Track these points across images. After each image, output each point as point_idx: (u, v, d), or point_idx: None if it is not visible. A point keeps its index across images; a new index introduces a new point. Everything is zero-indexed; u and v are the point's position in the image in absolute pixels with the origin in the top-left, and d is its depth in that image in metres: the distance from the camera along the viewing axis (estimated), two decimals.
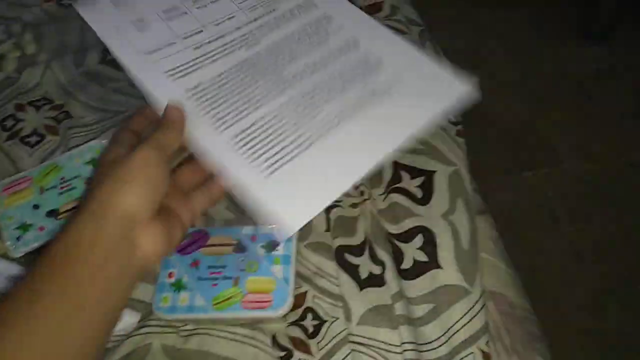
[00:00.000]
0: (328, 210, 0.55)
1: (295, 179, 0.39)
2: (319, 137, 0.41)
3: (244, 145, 0.40)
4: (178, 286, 0.48)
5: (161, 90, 0.42)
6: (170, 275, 0.49)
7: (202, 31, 0.46)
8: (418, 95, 0.44)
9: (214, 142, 0.40)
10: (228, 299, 0.47)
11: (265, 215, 0.38)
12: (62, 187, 0.54)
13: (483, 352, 0.45)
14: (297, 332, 0.48)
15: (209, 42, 0.45)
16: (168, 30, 0.45)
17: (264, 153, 0.40)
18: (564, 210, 1.16)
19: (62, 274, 0.32)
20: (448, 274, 0.49)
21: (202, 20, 0.47)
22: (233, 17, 0.48)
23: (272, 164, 0.39)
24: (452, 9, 1.60)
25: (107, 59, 0.70)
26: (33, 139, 0.63)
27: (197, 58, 0.44)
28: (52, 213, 0.52)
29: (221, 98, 0.42)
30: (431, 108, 0.42)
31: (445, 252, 0.50)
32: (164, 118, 0.39)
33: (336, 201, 0.55)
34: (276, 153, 0.40)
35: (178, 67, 0.43)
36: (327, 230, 0.54)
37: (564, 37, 1.57)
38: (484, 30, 1.56)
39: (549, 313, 0.57)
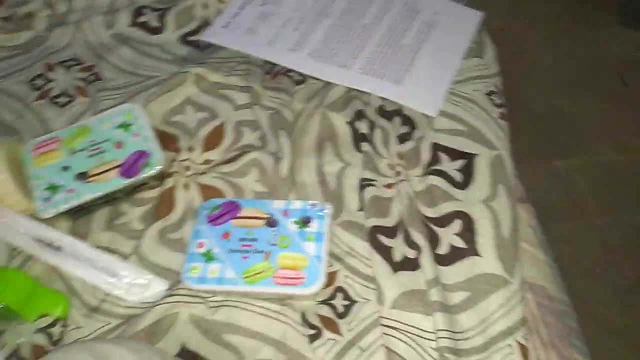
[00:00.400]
0: (362, 189, 0.53)
1: (419, 79, 0.59)
2: (416, 53, 0.62)
3: (370, 71, 0.61)
4: (208, 257, 0.47)
5: (294, 61, 0.62)
6: (200, 245, 0.48)
7: (290, 19, 0.66)
8: (455, 22, 0.65)
9: (348, 77, 0.60)
10: (259, 273, 0.45)
11: (413, 107, 0.58)
12: (91, 150, 0.53)
13: (520, 344, 0.43)
14: (326, 311, 0.47)
15: (301, 23, 0.66)
16: (270, 28, 0.65)
17: (387, 72, 0.61)
18: (594, 201, 1.13)
19: None
20: (487, 262, 0.47)
21: (286, 14, 0.66)
22: (303, 3, 0.67)
23: (397, 77, 0.60)
24: None
25: (138, 21, 0.67)
26: (62, 100, 0.61)
27: (300, 35, 0.64)
28: (82, 176, 0.51)
29: (333, 50, 0.63)
30: (468, 27, 0.65)
31: (485, 239, 0.48)
32: None
33: (370, 180, 0.53)
34: (395, 70, 0.61)
35: (293, 44, 0.64)
36: (360, 209, 0.52)
37: (601, 21, 1.49)
38: (520, 11, 1.49)
39: (574, 306, 0.55)
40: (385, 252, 0.49)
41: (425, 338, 0.44)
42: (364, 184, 0.53)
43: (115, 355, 0.37)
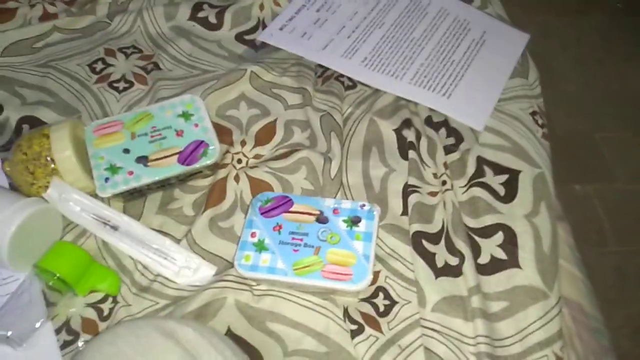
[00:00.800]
0: (406, 194, 0.55)
1: (467, 94, 0.61)
2: (465, 68, 0.64)
3: (421, 83, 0.63)
4: (260, 247, 0.49)
5: (346, 67, 0.65)
6: (252, 235, 0.50)
7: (344, 27, 0.68)
8: (503, 42, 0.67)
9: (398, 86, 0.62)
10: (308, 266, 0.47)
11: (459, 120, 0.60)
12: (152, 136, 0.55)
13: (557, 356, 0.45)
14: (368, 309, 0.49)
15: (354, 31, 0.68)
16: (324, 33, 0.68)
17: (437, 85, 0.62)
18: (611, 228, 1.14)
19: None
20: (527, 275, 0.49)
21: (340, 21, 0.69)
22: (357, 12, 0.70)
23: (446, 90, 0.62)
24: (519, 9, 1.55)
25: (198, 16, 0.70)
26: (121, 85, 0.64)
27: (353, 43, 0.67)
28: (142, 159, 0.53)
29: (384, 59, 0.65)
30: (515, 47, 0.67)
31: (526, 253, 0.50)
32: None
33: (415, 187, 0.55)
34: (444, 84, 0.63)
35: (346, 51, 0.66)
36: (403, 214, 0.54)
37: (629, 52, 1.52)
38: (550, 36, 1.52)
39: None
40: (428, 258, 0.50)
41: (464, 342, 0.46)
42: (409, 190, 0.55)
43: (179, 332, 0.39)
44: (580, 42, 1.53)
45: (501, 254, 0.51)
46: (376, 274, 0.51)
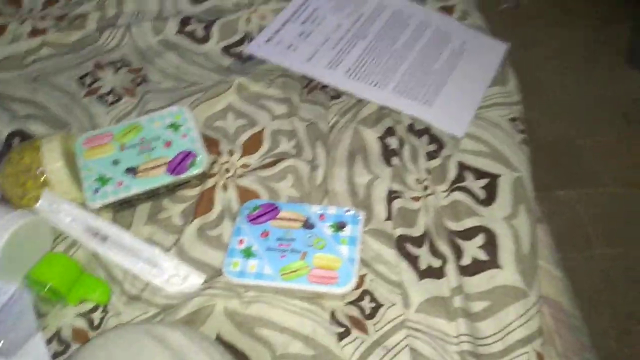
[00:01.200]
0: (390, 200, 0.56)
1: (448, 102, 0.64)
2: (446, 78, 0.66)
3: (404, 91, 0.65)
4: (248, 253, 0.50)
5: (331, 77, 0.67)
6: (240, 242, 0.51)
7: (329, 38, 0.71)
8: (482, 51, 0.70)
9: (383, 96, 0.65)
10: (295, 271, 0.48)
11: (440, 127, 0.62)
12: (142, 147, 0.56)
13: (537, 353, 0.46)
14: (354, 312, 0.50)
15: (338, 43, 0.70)
16: (309, 45, 0.70)
17: (418, 94, 0.65)
18: (597, 232, 1.16)
19: None
20: (507, 275, 0.50)
21: (325, 33, 0.71)
22: (341, 25, 0.72)
23: (427, 99, 0.64)
24: (507, 19, 1.59)
25: (185, 30, 0.72)
26: (110, 98, 0.65)
27: (337, 54, 0.69)
28: (131, 170, 0.55)
29: (368, 70, 0.67)
30: (494, 56, 0.70)
31: (506, 254, 0.52)
32: None
33: (398, 192, 0.56)
34: (426, 92, 0.65)
35: (330, 62, 0.68)
36: (388, 219, 0.56)
37: (612, 61, 1.56)
38: (535, 45, 1.55)
39: None
40: (412, 260, 0.52)
41: (448, 342, 0.47)
42: (393, 195, 0.56)
43: (170, 337, 0.40)
44: (563, 51, 1.57)
45: (482, 255, 0.52)
46: (361, 278, 0.52)
